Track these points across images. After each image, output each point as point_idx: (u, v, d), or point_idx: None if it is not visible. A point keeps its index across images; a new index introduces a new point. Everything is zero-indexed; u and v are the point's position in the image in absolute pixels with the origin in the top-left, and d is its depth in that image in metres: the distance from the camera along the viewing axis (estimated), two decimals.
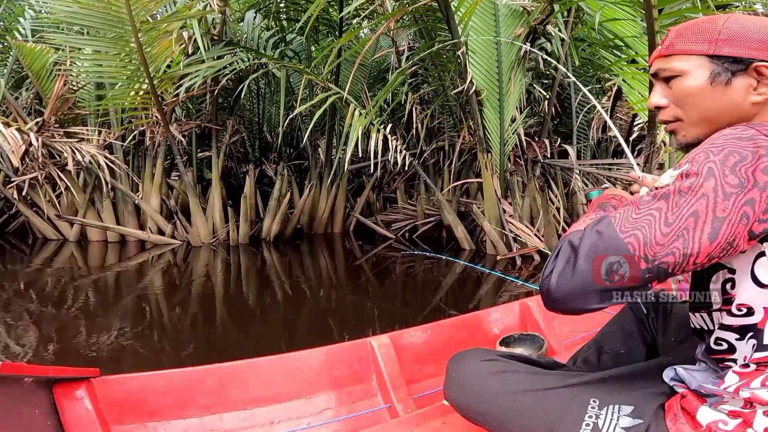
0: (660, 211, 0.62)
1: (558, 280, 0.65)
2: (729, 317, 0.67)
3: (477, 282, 3.61)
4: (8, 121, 4.25)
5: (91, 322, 2.66)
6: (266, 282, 3.74)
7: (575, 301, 0.65)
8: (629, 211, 0.65)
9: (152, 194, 4.75)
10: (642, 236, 0.62)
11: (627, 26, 3.54)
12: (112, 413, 1.26)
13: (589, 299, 0.65)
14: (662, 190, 0.64)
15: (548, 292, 0.66)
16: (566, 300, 0.66)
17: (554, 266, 0.67)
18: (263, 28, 4.90)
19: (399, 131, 5.18)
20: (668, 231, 0.61)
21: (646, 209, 0.64)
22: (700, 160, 0.62)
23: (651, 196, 0.65)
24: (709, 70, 0.71)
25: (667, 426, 0.71)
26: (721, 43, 0.70)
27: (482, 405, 0.85)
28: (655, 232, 0.62)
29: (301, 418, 1.40)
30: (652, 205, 0.64)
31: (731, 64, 0.70)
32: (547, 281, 0.67)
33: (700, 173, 0.61)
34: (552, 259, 0.68)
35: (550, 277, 0.67)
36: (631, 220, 0.64)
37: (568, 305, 0.66)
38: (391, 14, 3.68)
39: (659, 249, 0.61)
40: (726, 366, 0.70)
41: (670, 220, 0.61)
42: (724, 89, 0.71)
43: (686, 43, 0.73)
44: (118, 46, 3.93)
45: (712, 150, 0.62)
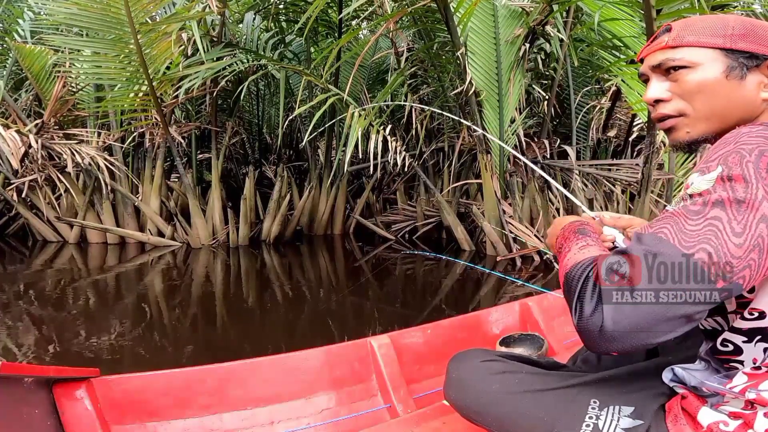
0: (721, 221, 0.57)
1: (615, 316, 0.57)
2: (741, 320, 0.66)
3: (477, 282, 3.61)
4: (8, 123, 4.25)
5: (91, 323, 2.65)
6: (266, 283, 3.74)
7: (640, 336, 0.58)
8: (679, 223, 0.59)
9: (152, 196, 4.75)
10: (713, 249, 0.56)
11: (626, 26, 3.55)
12: (112, 413, 1.26)
13: (660, 330, 0.58)
14: (710, 196, 0.59)
15: (602, 331, 0.58)
16: (629, 336, 0.58)
17: (597, 301, 0.59)
18: (262, 29, 4.91)
19: (398, 132, 5.18)
20: (741, 242, 0.56)
21: (702, 220, 0.58)
22: (737, 161, 0.59)
23: (699, 204, 0.59)
24: (724, 63, 0.70)
25: (668, 427, 0.71)
26: (737, 38, 0.70)
27: (482, 405, 0.85)
28: (727, 243, 0.56)
29: (301, 418, 1.39)
30: (707, 214, 0.58)
31: (747, 59, 0.69)
32: (596, 319, 0.59)
33: (747, 175, 0.57)
34: (588, 293, 0.61)
35: (598, 313, 0.59)
36: (690, 233, 0.58)
37: (632, 342, 0.58)
38: (391, 15, 3.68)
39: (736, 263, 0.56)
40: (731, 367, 0.70)
41: (738, 230, 0.56)
42: (739, 84, 0.70)
43: (698, 36, 0.72)
44: (117, 48, 3.94)
45: (743, 149, 0.59)
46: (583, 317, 0.60)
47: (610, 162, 4.41)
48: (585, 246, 0.73)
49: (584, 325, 0.60)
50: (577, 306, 0.62)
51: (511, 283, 3.36)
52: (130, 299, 3.19)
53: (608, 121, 4.78)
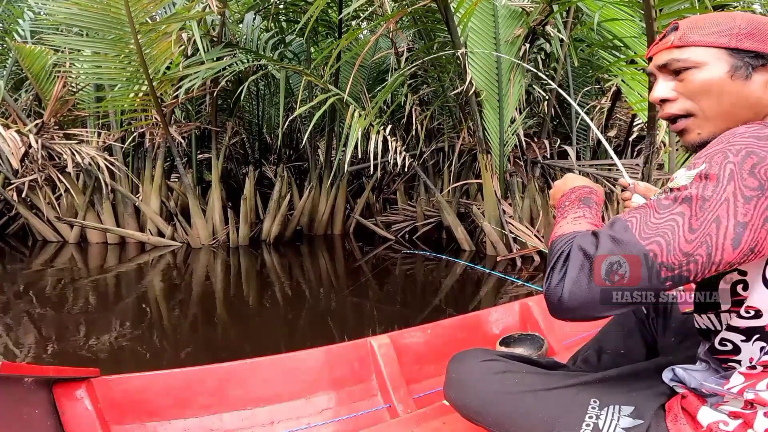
0: (683, 216, 0.59)
1: (572, 289, 0.62)
2: (737, 319, 0.66)
3: (477, 282, 3.61)
4: (8, 123, 4.25)
5: (91, 323, 2.65)
6: (266, 283, 3.74)
7: (588, 310, 0.63)
8: (647, 214, 0.62)
9: (152, 196, 4.75)
10: (665, 243, 0.59)
11: (626, 26, 3.55)
12: (112, 413, 1.26)
13: (603, 308, 0.63)
14: (682, 192, 0.61)
15: (560, 301, 0.63)
16: (579, 309, 0.63)
17: (564, 274, 0.64)
18: (262, 29, 4.91)
19: (399, 132, 5.18)
20: (693, 238, 0.58)
21: (667, 214, 0.61)
22: (719, 161, 0.59)
23: (671, 199, 0.62)
24: (729, 63, 0.70)
25: (668, 426, 0.71)
26: (742, 37, 0.69)
27: (482, 405, 0.85)
28: (679, 239, 0.59)
29: (301, 418, 1.39)
30: (673, 209, 0.61)
31: (753, 58, 0.69)
32: (558, 290, 0.64)
33: (721, 175, 0.59)
34: (559, 266, 0.65)
35: (561, 285, 0.63)
36: (651, 226, 0.61)
37: (581, 314, 0.64)
38: (391, 15, 3.68)
39: (683, 258, 0.59)
40: (729, 367, 0.70)
41: (695, 226, 0.59)
42: (744, 83, 0.69)
43: (704, 35, 0.72)
44: (117, 48, 3.94)
45: (730, 149, 0.60)
46: (549, 286, 0.65)
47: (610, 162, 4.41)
48: (579, 217, 0.76)
49: (548, 292, 0.65)
50: (549, 274, 0.66)
51: (511, 283, 3.36)
52: (130, 299, 3.19)
53: (608, 121, 4.78)
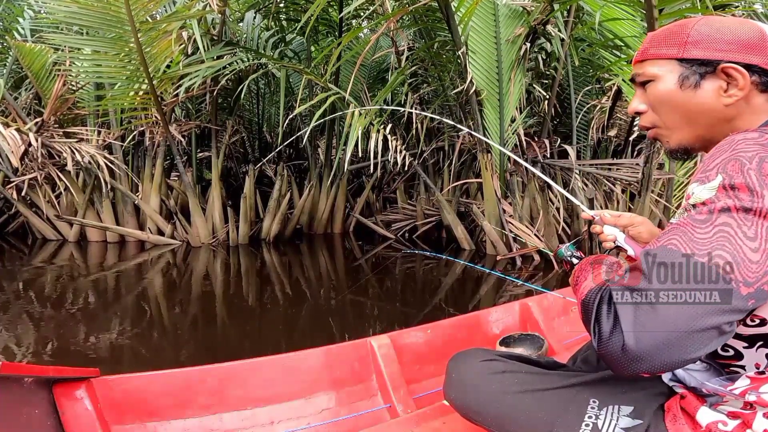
0: (731, 227, 0.55)
1: (636, 334, 0.55)
2: (742, 327, 0.65)
3: (477, 282, 3.61)
4: (7, 122, 4.24)
5: (91, 322, 2.65)
6: (266, 282, 3.74)
7: (670, 352, 0.54)
8: (687, 232, 0.57)
9: (152, 194, 4.75)
10: (729, 254, 0.54)
11: (627, 26, 3.55)
12: (112, 413, 1.26)
13: (688, 345, 0.55)
14: (715, 204, 0.57)
15: (625, 351, 0.55)
16: (656, 353, 0.55)
17: (614, 320, 0.57)
18: (263, 28, 4.90)
19: (399, 131, 5.18)
20: (756, 246, 0.54)
21: (710, 227, 0.56)
22: (737, 169, 0.57)
23: (705, 212, 0.58)
24: (678, 73, 0.71)
25: (667, 426, 0.71)
26: (690, 46, 0.70)
27: (482, 405, 0.85)
28: (742, 248, 0.54)
29: (301, 418, 1.40)
30: (715, 221, 0.56)
31: (699, 66, 0.70)
32: (616, 340, 0.56)
33: (750, 183, 0.56)
34: (603, 315, 0.58)
35: (616, 333, 0.56)
36: (701, 240, 0.56)
37: (661, 359, 0.55)
38: (391, 14, 3.68)
39: (756, 267, 0.54)
40: (732, 371, 0.70)
41: (751, 235, 0.54)
42: (694, 92, 0.70)
43: (657, 48, 0.73)
44: (117, 47, 3.93)
45: (742, 157, 0.58)
46: (602, 339, 0.58)
47: (610, 161, 4.41)
48: (600, 274, 0.71)
49: (605, 347, 0.57)
50: (595, 329, 0.59)
51: (511, 282, 3.36)
52: (129, 298, 3.19)
53: (609, 121, 4.78)
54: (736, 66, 0.67)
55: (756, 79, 0.68)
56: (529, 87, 4.50)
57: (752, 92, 0.69)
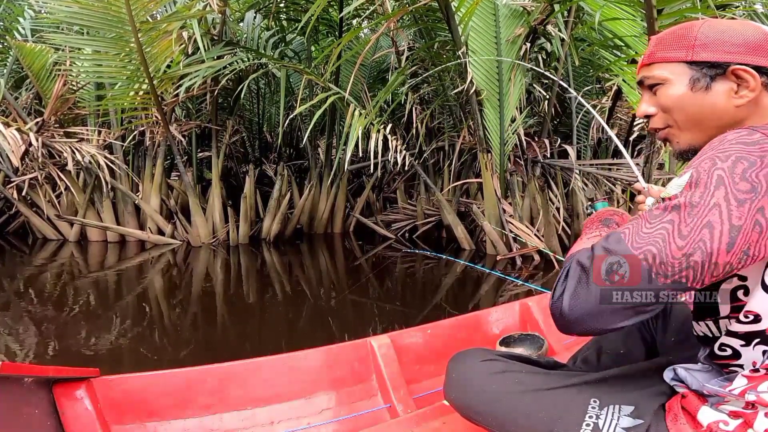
0: (673, 224, 0.60)
1: (571, 302, 0.63)
2: (737, 324, 0.66)
3: (477, 282, 3.61)
4: (8, 122, 4.24)
5: (91, 322, 2.65)
6: (266, 282, 3.74)
7: (591, 322, 0.64)
8: (639, 225, 0.63)
9: (152, 194, 4.75)
10: (657, 251, 0.60)
11: (627, 26, 3.55)
12: (112, 413, 1.26)
13: (606, 319, 0.63)
14: (672, 201, 0.62)
15: (561, 314, 0.65)
16: (581, 321, 0.64)
17: (564, 287, 0.65)
18: (263, 28, 4.90)
19: (399, 131, 5.18)
20: (683, 244, 0.59)
21: (657, 223, 0.61)
22: (706, 168, 0.60)
23: (661, 208, 0.62)
24: (688, 76, 0.72)
25: (668, 426, 0.71)
26: (698, 49, 0.71)
27: (482, 405, 0.85)
28: (670, 246, 0.59)
29: (301, 418, 1.39)
30: (663, 218, 0.61)
31: (709, 69, 0.71)
32: (559, 303, 0.65)
33: (708, 181, 0.59)
34: (561, 280, 0.66)
35: (561, 299, 0.65)
36: (643, 235, 0.62)
37: (584, 327, 0.64)
38: (392, 14, 3.68)
39: (676, 263, 0.59)
40: (731, 371, 0.70)
41: (684, 233, 0.59)
42: (705, 94, 0.71)
43: (665, 51, 0.74)
44: (117, 46, 3.93)
45: (718, 156, 0.60)
46: (553, 300, 0.66)
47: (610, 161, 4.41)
48: (594, 236, 0.77)
49: (552, 307, 0.66)
50: (553, 290, 0.68)
51: (511, 282, 3.36)
52: (130, 298, 3.19)
53: (609, 121, 4.78)
54: (746, 68, 0.68)
55: (765, 80, 0.69)
56: (529, 87, 4.50)
57: (762, 93, 0.70)
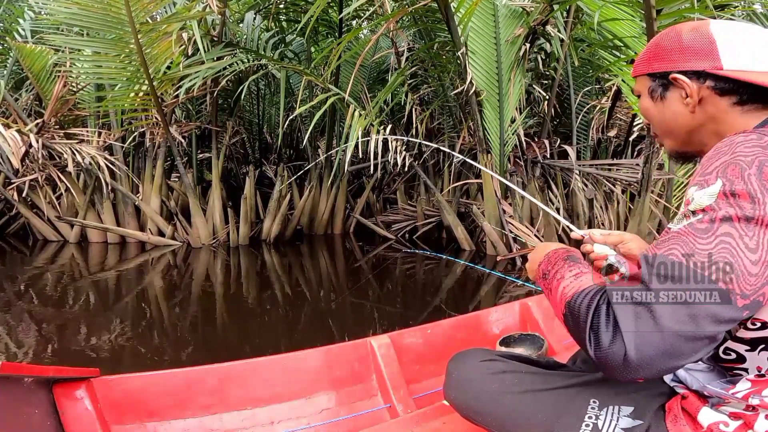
0: (733, 237, 0.55)
1: (637, 344, 0.55)
2: (744, 330, 0.65)
3: (477, 282, 3.61)
4: (8, 123, 4.25)
5: (92, 322, 2.66)
6: (266, 283, 3.74)
7: (667, 361, 0.55)
8: (687, 243, 0.56)
9: (152, 195, 4.75)
10: (729, 269, 0.54)
11: (626, 26, 3.54)
12: (112, 413, 1.26)
13: (682, 354, 0.55)
14: (715, 213, 0.57)
15: (626, 361, 0.55)
16: (654, 363, 0.55)
17: (614, 330, 0.56)
18: (263, 29, 4.90)
19: (399, 132, 5.18)
20: (756, 258, 0.54)
21: (712, 237, 0.55)
22: (736, 174, 0.57)
23: (706, 221, 0.57)
24: (649, 87, 0.75)
25: (668, 427, 0.71)
26: (652, 60, 0.73)
27: (482, 405, 0.86)
28: (743, 260, 0.54)
29: (301, 418, 1.39)
30: (716, 231, 0.56)
31: (660, 79, 0.73)
32: (617, 350, 0.56)
33: (752, 190, 0.55)
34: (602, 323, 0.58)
35: (616, 344, 0.56)
36: (702, 252, 0.55)
37: (658, 368, 0.56)
38: (391, 15, 3.68)
39: (754, 280, 0.54)
40: (735, 374, 0.69)
41: (752, 246, 0.54)
42: (663, 104, 0.74)
43: (638, 65, 0.77)
44: (117, 48, 3.94)
45: (741, 161, 0.57)
46: (601, 348, 0.57)
47: (610, 162, 4.41)
48: (580, 273, 0.69)
49: (604, 356, 0.57)
50: (591, 336, 0.59)
51: (511, 282, 3.36)
52: (130, 299, 3.19)
53: (608, 121, 4.78)
54: (677, 75, 0.70)
55: (711, 83, 0.68)
56: (529, 87, 4.50)
57: (711, 97, 0.69)
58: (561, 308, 0.67)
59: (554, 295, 0.70)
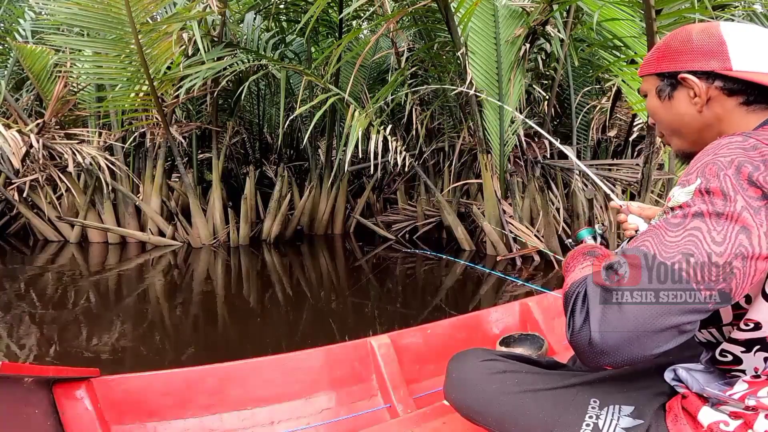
0: (701, 231, 0.57)
1: (601, 329, 0.57)
2: (737, 332, 0.66)
3: (477, 282, 3.61)
4: (9, 123, 4.25)
5: (92, 323, 2.66)
6: (266, 283, 3.74)
7: (630, 348, 0.57)
8: (660, 235, 0.59)
9: (153, 196, 4.75)
10: (693, 259, 0.56)
11: (626, 26, 3.55)
12: (112, 413, 1.26)
13: (647, 343, 0.57)
14: (690, 209, 0.59)
15: (591, 344, 0.58)
16: (618, 349, 0.57)
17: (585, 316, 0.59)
18: (263, 29, 4.91)
19: (399, 132, 5.18)
20: (721, 251, 0.55)
21: (681, 231, 0.58)
22: (713, 173, 0.59)
23: (679, 216, 0.59)
24: (656, 87, 0.76)
25: (668, 426, 0.71)
26: (661, 60, 0.74)
27: (482, 405, 0.86)
28: (706, 252, 0.56)
29: (301, 418, 1.39)
30: (686, 225, 0.58)
31: (668, 79, 0.73)
32: (584, 333, 0.58)
33: (725, 187, 0.57)
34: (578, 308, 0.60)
35: (585, 328, 0.58)
36: (670, 245, 0.57)
37: (622, 355, 0.57)
38: (391, 15, 3.68)
39: (718, 271, 0.56)
40: (733, 375, 0.70)
41: (718, 240, 0.56)
42: (670, 103, 0.74)
43: (645, 65, 0.78)
44: (118, 48, 3.94)
45: (720, 161, 0.59)
46: (573, 332, 0.60)
47: (610, 162, 4.41)
48: (587, 266, 0.72)
49: (574, 339, 0.60)
50: (569, 321, 0.62)
51: (511, 282, 3.36)
52: (130, 299, 3.19)
53: (608, 121, 4.78)
54: (686, 75, 0.70)
55: (719, 83, 0.69)
56: (529, 88, 4.50)
57: (719, 97, 0.70)
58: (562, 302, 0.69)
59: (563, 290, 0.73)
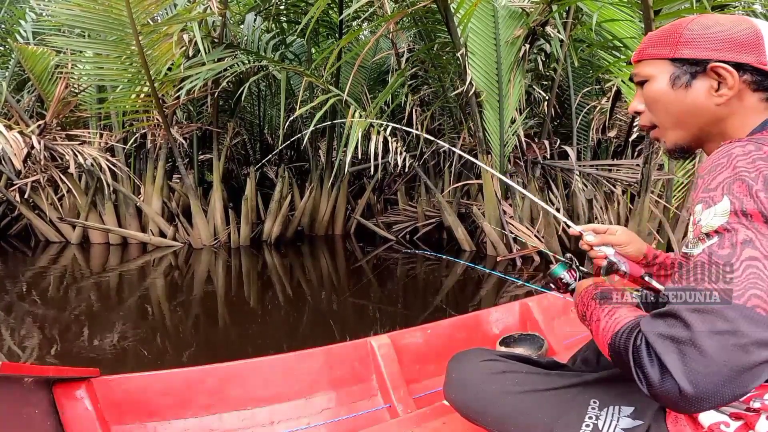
0: (759, 260, 0.54)
1: (691, 379, 0.54)
2: None
3: (477, 283, 3.61)
4: (10, 124, 4.26)
5: (93, 323, 2.66)
6: (267, 284, 3.74)
7: (729, 390, 0.54)
8: (713, 272, 0.57)
9: (154, 196, 4.76)
10: (763, 293, 0.54)
11: (625, 27, 3.55)
12: (112, 413, 1.26)
13: (744, 381, 0.54)
14: (733, 237, 0.56)
15: (683, 396, 0.55)
16: (716, 394, 0.54)
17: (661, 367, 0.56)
18: (263, 30, 4.91)
19: (399, 133, 5.18)
20: None
21: (738, 263, 0.55)
22: (744, 192, 0.56)
23: (727, 246, 0.56)
24: (669, 73, 0.72)
25: (668, 427, 0.70)
26: (681, 46, 0.70)
27: (482, 405, 0.85)
28: None
29: (301, 418, 1.39)
30: (740, 255, 0.55)
31: (690, 66, 0.70)
32: (669, 386, 0.56)
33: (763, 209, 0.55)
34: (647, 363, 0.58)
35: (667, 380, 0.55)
36: (734, 282, 0.55)
37: (721, 398, 0.55)
38: (391, 16, 3.68)
39: None
40: None
41: None
42: (685, 92, 0.71)
43: (653, 48, 0.74)
44: (119, 49, 3.95)
45: (746, 176, 0.57)
46: (653, 385, 0.57)
47: (610, 162, 4.41)
48: (612, 311, 0.70)
49: (659, 392, 0.57)
50: (639, 375, 0.59)
51: (511, 283, 3.36)
52: (131, 300, 3.20)
53: (609, 122, 4.78)
54: (724, 65, 0.67)
55: (748, 77, 0.67)
56: (529, 88, 4.50)
57: (744, 91, 0.68)
58: (606, 353, 0.68)
59: (598, 340, 0.71)
